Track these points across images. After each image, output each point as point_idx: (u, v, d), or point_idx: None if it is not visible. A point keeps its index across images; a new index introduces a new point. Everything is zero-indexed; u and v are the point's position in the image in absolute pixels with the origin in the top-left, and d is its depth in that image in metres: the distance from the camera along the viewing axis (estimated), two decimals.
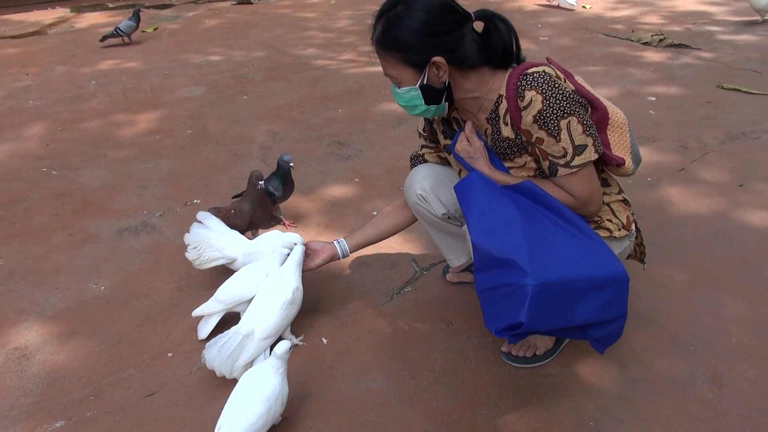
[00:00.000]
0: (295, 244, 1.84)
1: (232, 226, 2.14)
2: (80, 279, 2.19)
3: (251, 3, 6.80)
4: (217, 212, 2.18)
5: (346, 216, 2.53)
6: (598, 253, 1.42)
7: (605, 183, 1.65)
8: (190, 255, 2.03)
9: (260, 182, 2.14)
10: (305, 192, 2.69)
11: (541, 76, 1.43)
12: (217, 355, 1.66)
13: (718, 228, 2.32)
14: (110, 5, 6.93)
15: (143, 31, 5.67)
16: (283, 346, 1.51)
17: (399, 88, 1.53)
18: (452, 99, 1.55)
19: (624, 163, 1.59)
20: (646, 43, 4.69)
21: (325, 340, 1.85)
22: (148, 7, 6.55)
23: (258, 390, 1.46)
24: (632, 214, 1.69)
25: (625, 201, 1.68)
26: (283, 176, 2.34)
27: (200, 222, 2.08)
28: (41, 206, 2.70)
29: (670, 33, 4.89)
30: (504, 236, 1.37)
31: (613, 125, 1.62)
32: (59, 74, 4.59)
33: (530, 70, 1.45)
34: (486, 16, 1.49)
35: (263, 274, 1.85)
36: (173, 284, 2.14)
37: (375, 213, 2.35)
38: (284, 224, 2.43)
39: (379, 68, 1.55)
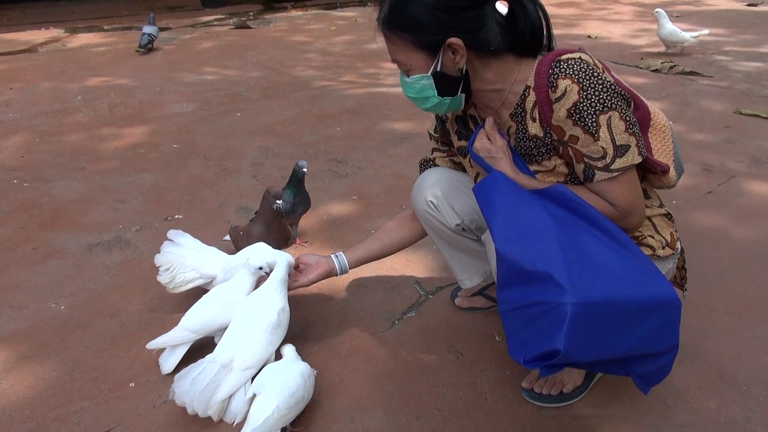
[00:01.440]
0: (276, 263, 1.60)
1: (238, 250, 1.88)
2: (38, 297, 1.92)
3: (249, 27, 6.69)
4: (234, 231, 1.95)
5: (343, 234, 2.28)
6: (645, 272, 1.18)
7: (644, 195, 1.41)
8: (162, 278, 1.77)
9: (277, 201, 1.87)
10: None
11: (577, 63, 1.20)
12: (190, 388, 1.39)
13: (757, 253, 2.09)
14: (105, 27, 6.81)
15: (136, 50, 5.51)
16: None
17: (408, 76, 1.30)
18: (469, 91, 1.33)
19: (668, 171, 1.36)
20: (656, 71, 4.54)
21: (315, 371, 1.58)
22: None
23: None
24: (676, 231, 1.45)
25: (668, 215, 1.45)
26: (296, 185, 2.08)
27: (171, 240, 1.83)
28: (5, 218, 2.44)
29: (679, 61, 4.75)
30: (535, 245, 1.12)
31: (656, 128, 1.39)
32: (44, 89, 4.39)
33: (564, 57, 1.23)
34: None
35: (240, 292, 1.59)
36: (144, 305, 1.88)
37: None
38: (296, 243, 2.18)
39: (381, 88, 1.37)
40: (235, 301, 1.58)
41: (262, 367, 1.46)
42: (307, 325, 1.77)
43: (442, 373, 1.57)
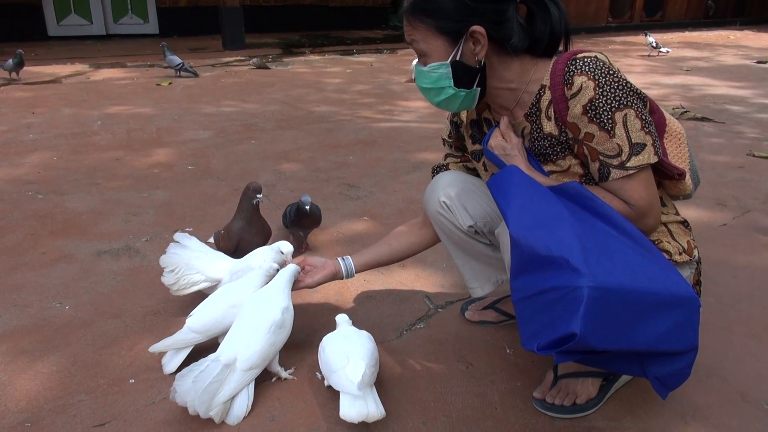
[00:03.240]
0: (282, 252, 1.59)
1: (220, 249, 1.87)
2: (44, 297, 1.90)
3: (268, 68, 6.86)
4: (217, 233, 1.94)
5: (353, 250, 2.23)
6: (663, 269, 1.14)
7: (660, 202, 1.39)
8: (166, 279, 1.75)
9: (258, 195, 1.88)
10: None
11: (593, 61, 1.22)
12: (192, 387, 1.34)
13: None
14: (128, 64, 7.01)
15: (157, 84, 5.66)
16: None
17: (425, 65, 1.31)
18: (485, 86, 1.33)
19: (684, 176, 1.35)
20: None
21: (320, 375, 1.53)
22: (165, 68, 6.60)
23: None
24: (693, 240, 1.42)
25: (684, 223, 1.42)
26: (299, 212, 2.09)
27: (178, 242, 1.82)
28: (18, 225, 2.45)
29: (690, 109, 4.80)
30: (551, 231, 1.10)
31: (671, 134, 1.39)
32: (65, 114, 4.49)
33: (580, 55, 1.24)
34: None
35: (249, 293, 1.57)
36: (148, 308, 1.85)
37: None
38: (302, 247, 2.18)
39: (395, 123, 1.39)
40: (244, 302, 1.56)
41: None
42: (313, 332, 1.73)
43: (451, 382, 1.52)
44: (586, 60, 1.22)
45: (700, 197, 2.84)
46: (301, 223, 2.13)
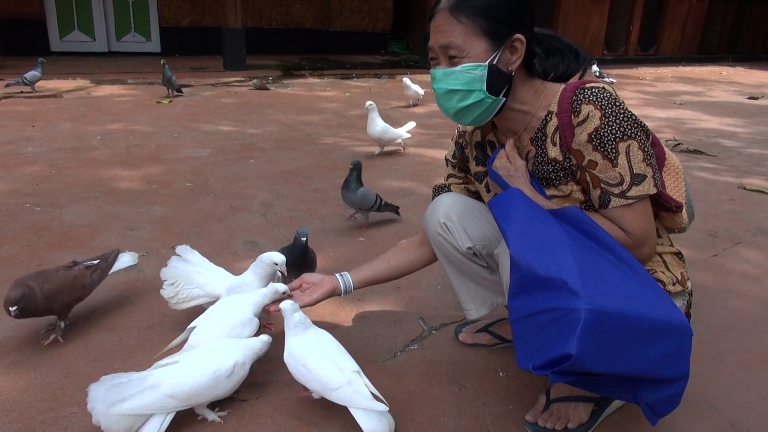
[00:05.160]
0: (276, 264, 1.64)
1: None
2: None
3: (268, 89, 6.93)
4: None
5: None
6: (657, 297, 1.17)
7: (656, 233, 1.42)
8: (166, 292, 1.76)
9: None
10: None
11: (601, 92, 1.26)
12: (104, 396, 1.27)
13: (765, 312, 2.06)
14: (130, 81, 7.07)
15: (158, 102, 5.71)
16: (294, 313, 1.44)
17: (457, 65, 1.27)
18: (508, 97, 1.34)
19: (681, 209, 1.38)
20: None
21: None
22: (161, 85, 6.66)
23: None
24: (686, 271, 1.45)
25: (678, 255, 1.45)
26: (298, 252, 1.88)
27: (180, 256, 1.83)
28: (14, 237, 2.45)
29: (683, 142, 4.87)
30: (550, 254, 1.12)
31: (669, 168, 1.43)
32: (65, 128, 4.52)
33: (588, 85, 1.28)
34: (545, 33, 1.38)
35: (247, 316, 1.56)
36: (143, 322, 1.86)
37: None
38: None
39: (391, 147, 1.37)
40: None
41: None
42: None
43: (444, 403, 1.53)
44: (594, 90, 1.26)
45: (692, 228, 2.85)
46: (296, 263, 1.86)
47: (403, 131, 4.01)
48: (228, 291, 1.74)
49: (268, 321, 1.85)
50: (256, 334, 1.53)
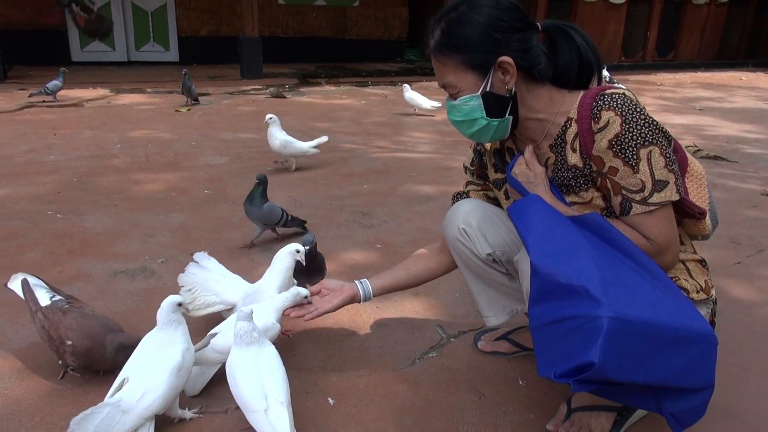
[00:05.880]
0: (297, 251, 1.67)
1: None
2: None
3: (285, 97, 6.98)
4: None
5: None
6: (681, 305, 1.15)
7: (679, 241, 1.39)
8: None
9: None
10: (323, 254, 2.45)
11: (621, 98, 1.24)
12: None
13: None
14: (149, 90, 7.16)
15: (176, 110, 5.77)
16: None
17: (456, 99, 1.34)
18: (517, 114, 1.35)
19: (705, 215, 1.36)
20: None
21: (331, 401, 1.54)
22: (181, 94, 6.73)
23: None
24: (710, 279, 1.42)
25: (702, 262, 1.43)
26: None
27: (197, 262, 1.84)
28: (37, 244, 2.49)
29: (703, 148, 4.81)
30: (571, 261, 1.11)
31: (692, 174, 1.41)
32: (86, 137, 4.59)
33: (609, 91, 1.27)
34: (555, 26, 1.33)
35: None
36: None
37: None
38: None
39: (409, 154, 1.41)
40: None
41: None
42: (326, 357, 1.74)
43: (463, 412, 1.52)
44: (614, 96, 1.25)
45: (714, 235, 2.81)
46: (305, 270, 1.86)
47: (308, 145, 3.81)
48: (244, 299, 1.75)
49: (287, 329, 1.85)
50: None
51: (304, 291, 1.60)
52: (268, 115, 3.70)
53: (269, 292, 1.68)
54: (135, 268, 2.29)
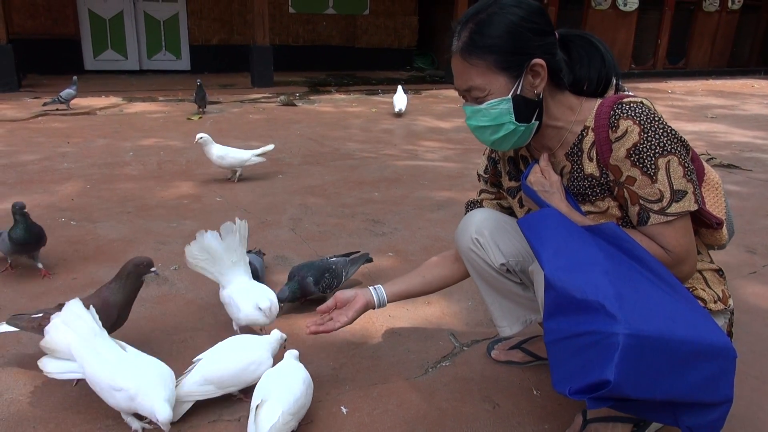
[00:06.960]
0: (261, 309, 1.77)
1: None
2: None
3: (295, 105, 7.01)
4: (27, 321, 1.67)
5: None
6: (698, 317, 1.14)
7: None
8: (190, 249, 1.86)
9: (152, 269, 1.76)
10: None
11: (639, 107, 1.23)
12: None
13: None
14: (161, 98, 7.22)
15: (188, 118, 5.81)
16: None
17: (482, 102, 1.28)
18: (541, 119, 1.32)
19: (722, 225, 1.35)
20: None
21: (344, 410, 1.53)
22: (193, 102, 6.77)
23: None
24: (727, 289, 1.40)
25: (719, 272, 1.41)
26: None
27: (222, 238, 1.86)
28: (50, 251, 2.50)
29: (716, 156, 4.78)
30: (586, 275, 1.10)
31: (709, 183, 1.39)
32: (99, 145, 4.62)
33: (626, 100, 1.26)
34: (575, 34, 1.33)
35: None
36: (176, 336, 1.87)
37: None
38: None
39: (420, 162, 1.40)
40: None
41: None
42: (339, 365, 1.73)
43: (477, 422, 1.50)
44: (632, 105, 1.24)
45: (729, 244, 2.80)
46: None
47: (250, 154, 3.73)
48: (228, 297, 1.83)
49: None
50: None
51: (283, 335, 1.62)
52: (199, 135, 3.64)
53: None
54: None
